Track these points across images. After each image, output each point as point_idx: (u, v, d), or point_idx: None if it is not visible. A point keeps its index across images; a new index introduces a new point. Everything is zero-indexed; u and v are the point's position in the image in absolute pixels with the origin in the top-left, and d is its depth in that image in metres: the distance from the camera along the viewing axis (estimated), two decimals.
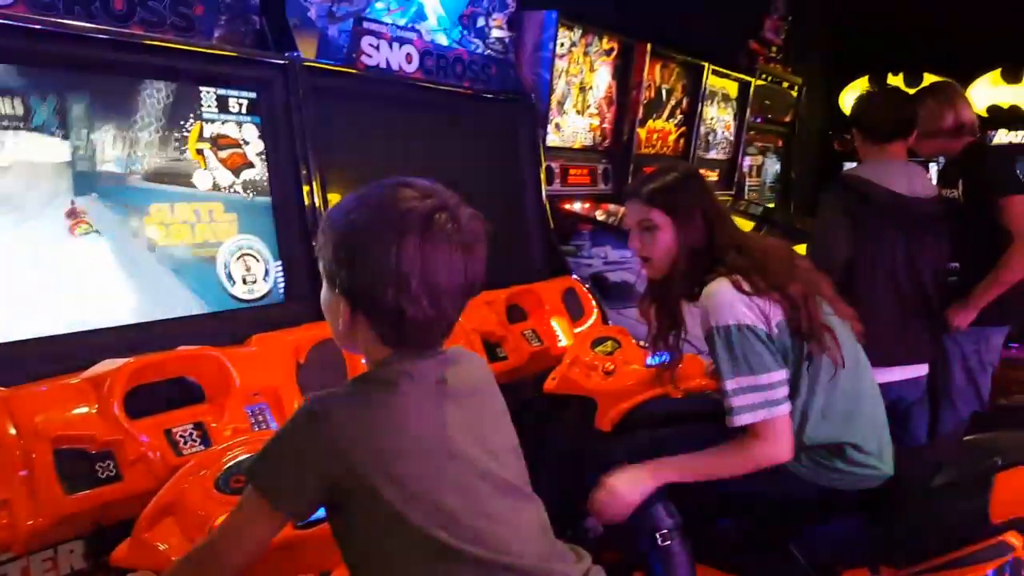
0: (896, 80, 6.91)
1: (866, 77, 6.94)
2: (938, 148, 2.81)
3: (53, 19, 1.71)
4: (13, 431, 1.38)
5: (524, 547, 1.06)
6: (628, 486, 1.69)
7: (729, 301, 1.62)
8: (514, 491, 1.10)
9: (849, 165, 6.93)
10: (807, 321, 1.62)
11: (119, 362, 1.55)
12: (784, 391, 1.63)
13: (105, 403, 1.48)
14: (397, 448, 1.01)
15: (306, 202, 2.17)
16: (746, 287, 1.62)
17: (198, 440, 1.57)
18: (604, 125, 3.87)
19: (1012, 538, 1.57)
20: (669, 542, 1.71)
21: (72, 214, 1.74)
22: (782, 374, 1.63)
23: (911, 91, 3.20)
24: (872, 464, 1.69)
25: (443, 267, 1.01)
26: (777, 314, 1.63)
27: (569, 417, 2.30)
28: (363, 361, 1.12)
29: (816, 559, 1.72)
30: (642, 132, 4.08)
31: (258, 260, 2.10)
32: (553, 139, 3.46)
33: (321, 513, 1.06)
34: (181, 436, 1.55)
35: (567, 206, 3.57)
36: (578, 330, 2.68)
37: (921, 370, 2.47)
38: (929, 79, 5.06)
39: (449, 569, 1.01)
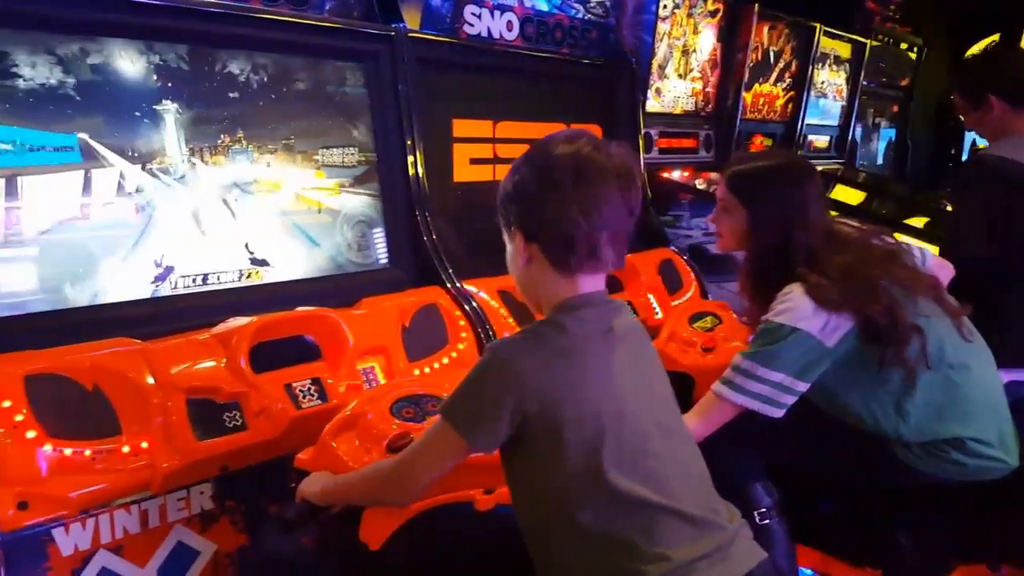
0: None
1: (996, 36, 6.44)
2: None
3: None
4: (151, 381, 1.50)
5: (687, 492, 1.13)
6: None
7: (797, 304, 1.57)
8: (677, 436, 1.18)
9: (971, 133, 6.51)
10: (886, 333, 1.55)
11: (244, 320, 1.67)
12: (788, 399, 1.58)
13: (232, 358, 1.60)
14: (579, 388, 1.10)
15: (410, 172, 2.23)
16: (818, 296, 1.56)
17: (315, 395, 1.66)
18: (707, 89, 3.76)
19: None
20: (768, 521, 1.69)
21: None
22: (799, 384, 1.58)
23: None
24: (994, 455, 1.61)
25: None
26: (846, 326, 1.56)
27: None
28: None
29: (927, 549, 1.66)
30: (748, 96, 3.94)
31: (370, 227, 2.19)
32: (653, 104, 3.39)
33: None
34: (300, 390, 1.65)
35: (666, 174, 3.50)
36: (675, 303, 2.65)
37: None
38: None
39: (613, 504, 1.08)
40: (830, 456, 1.74)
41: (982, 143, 6.44)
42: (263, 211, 1.98)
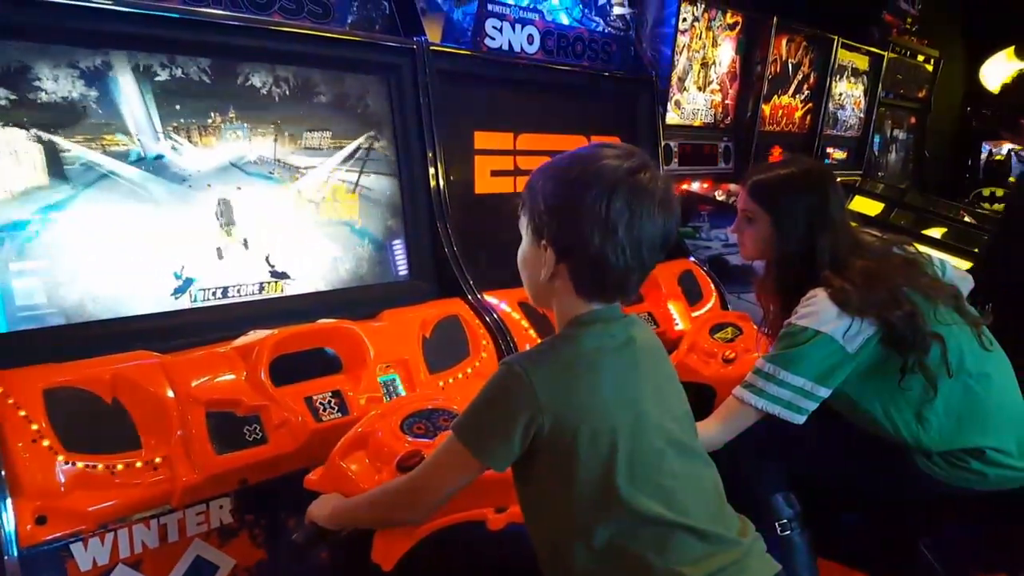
0: None
1: (1011, 48, 6.42)
2: None
3: (202, 9, 1.82)
4: (171, 394, 1.49)
5: (701, 509, 1.10)
6: None
7: (821, 308, 1.57)
8: (693, 453, 1.15)
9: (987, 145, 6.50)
10: (909, 339, 1.55)
11: (264, 333, 1.65)
12: (810, 405, 1.57)
13: (252, 371, 1.59)
14: (594, 404, 1.07)
15: (431, 184, 2.22)
16: (842, 300, 1.56)
17: (336, 408, 1.65)
18: (726, 102, 3.75)
19: None
20: (788, 532, 1.68)
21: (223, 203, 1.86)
22: (820, 390, 1.57)
23: None
24: (1014, 465, 1.60)
25: (645, 219, 1.06)
26: (868, 331, 1.56)
27: None
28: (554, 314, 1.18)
29: (948, 559, 1.65)
30: (766, 108, 3.95)
31: (391, 239, 2.17)
32: (672, 117, 3.39)
33: None
34: (320, 403, 1.64)
35: (685, 186, 3.49)
36: (696, 314, 2.63)
37: None
38: None
39: (628, 522, 1.05)
40: (851, 467, 1.73)
41: (998, 153, 6.48)
42: (284, 224, 1.97)
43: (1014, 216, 2.32)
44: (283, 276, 1.95)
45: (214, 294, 1.82)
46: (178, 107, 1.78)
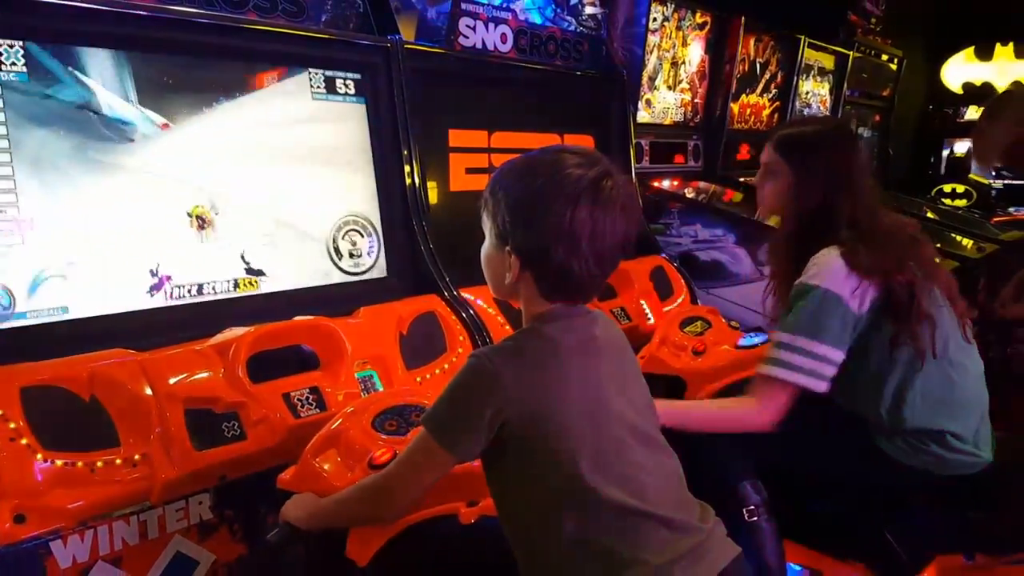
0: (1005, 51, 6.56)
1: (971, 48, 6.60)
2: None
3: (173, 7, 1.81)
4: (149, 392, 1.49)
5: (663, 497, 1.13)
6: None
7: (830, 266, 1.61)
8: (655, 443, 1.18)
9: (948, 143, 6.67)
10: (905, 308, 1.59)
11: (242, 330, 1.66)
12: (831, 371, 1.61)
13: (230, 368, 1.59)
14: (559, 395, 1.10)
15: (407, 181, 2.24)
16: (851, 260, 1.60)
17: (314, 404, 1.66)
18: (696, 100, 3.80)
19: None
20: (756, 518, 1.72)
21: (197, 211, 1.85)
22: (838, 354, 1.60)
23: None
24: (969, 450, 1.66)
25: (608, 229, 1.09)
26: (872, 293, 1.60)
27: (657, 396, 2.30)
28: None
29: (909, 543, 1.71)
30: (735, 107, 4.00)
31: (363, 235, 2.19)
32: (643, 115, 3.44)
33: None
34: (298, 400, 1.65)
35: (656, 184, 3.54)
36: (667, 309, 2.68)
37: None
38: None
39: (594, 511, 1.08)
40: (816, 450, 1.77)
41: (959, 150, 6.68)
42: (259, 221, 1.97)
43: None
44: (258, 273, 1.95)
45: (189, 291, 1.82)
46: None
